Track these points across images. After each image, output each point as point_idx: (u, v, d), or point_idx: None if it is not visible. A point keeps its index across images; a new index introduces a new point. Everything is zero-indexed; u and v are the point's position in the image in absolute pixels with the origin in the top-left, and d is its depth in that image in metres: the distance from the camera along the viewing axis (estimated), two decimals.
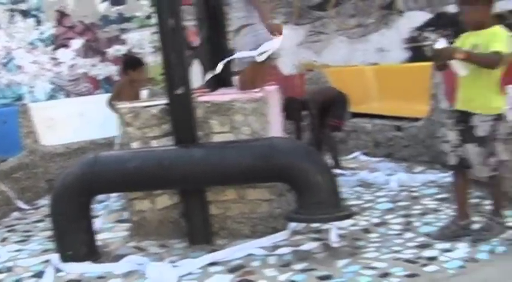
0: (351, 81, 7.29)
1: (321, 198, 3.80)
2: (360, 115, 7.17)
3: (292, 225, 4.31)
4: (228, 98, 4.39)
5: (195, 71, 5.23)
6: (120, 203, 5.48)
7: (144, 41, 9.21)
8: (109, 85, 8.90)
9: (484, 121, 3.69)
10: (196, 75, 5.13)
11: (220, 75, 4.70)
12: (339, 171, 5.94)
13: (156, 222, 4.57)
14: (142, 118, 4.47)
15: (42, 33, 8.93)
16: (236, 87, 4.97)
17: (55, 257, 4.14)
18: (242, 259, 3.96)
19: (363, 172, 6.00)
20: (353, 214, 4.13)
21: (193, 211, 4.37)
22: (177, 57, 4.18)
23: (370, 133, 6.99)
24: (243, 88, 4.74)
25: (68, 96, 8.96)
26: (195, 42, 6.42)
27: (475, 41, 3.67)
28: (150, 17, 8.84)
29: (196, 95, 4.44)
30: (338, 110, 6.30)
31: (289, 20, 9.17)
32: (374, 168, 6.23)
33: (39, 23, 8.91)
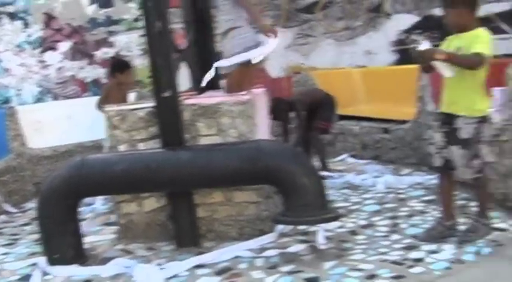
0: (338, 84, 7.32)
1: (308, 201, 3.81)
2: (348, 117, 7.19)
3: (279, 228, 4.31)
4: (215, 100, 4.40)
5: (183, 74, 5.23)
6: (107, 205, 5.47)
7: (132, 43, 9.21)
8: (97, 88, 8.89)
9: (468, 123, 3.71)
10: (184, 78, 5.13)
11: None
12: (326, 173, 5.94)
13: (143, 225, 4.57)
14: (130, 121, 4.47)
15: (29, 36, 8.91)
16: (223, 90, 4.98)
17: (42, 260, 4.12)
18: (229, 261, 3.96)
19: (350, 174, 6.01)
20: (340, 216, 4.13)
21: (181, 214, 4.37)
22: (164, 60, 4.18)
23: (358, 135, 7.02)
24: (230, 91, 4.74)
25: (55, 99, 8.95)
26: (182, 45, 6.41)
27: (459, 43, 3.70)
28: (138, 19, 8.84)
29: (183, 97, 4.45)
30: (325, 112, 6.30)
31: (277, 22, 9.15)
32: (361, 170, 6.25)
33: (26, 25, 8.90)
